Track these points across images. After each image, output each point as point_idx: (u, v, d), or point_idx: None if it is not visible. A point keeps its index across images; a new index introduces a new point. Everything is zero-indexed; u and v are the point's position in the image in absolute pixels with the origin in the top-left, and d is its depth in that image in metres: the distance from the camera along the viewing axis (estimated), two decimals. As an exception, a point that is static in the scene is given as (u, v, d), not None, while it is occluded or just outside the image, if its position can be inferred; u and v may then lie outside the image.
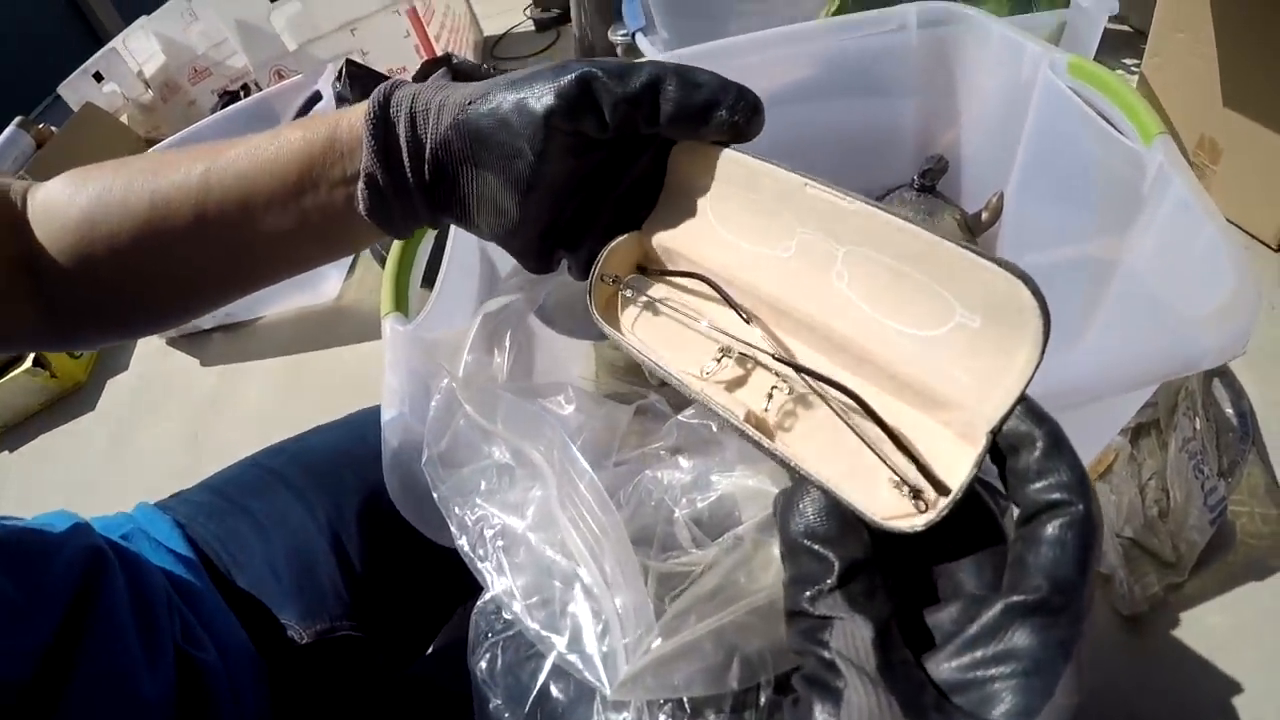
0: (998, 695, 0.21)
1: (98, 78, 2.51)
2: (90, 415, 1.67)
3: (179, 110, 2.49)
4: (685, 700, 0.29)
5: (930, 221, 0.90)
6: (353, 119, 0.37)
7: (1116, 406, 0.64)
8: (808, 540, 0.24)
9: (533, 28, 2.44)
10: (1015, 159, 0.84)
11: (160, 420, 1.59)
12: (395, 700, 0.53)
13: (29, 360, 1.63)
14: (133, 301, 0.43)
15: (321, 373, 1.52)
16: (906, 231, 0.26)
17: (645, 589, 0.31)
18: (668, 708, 0.30)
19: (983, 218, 0.89)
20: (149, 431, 1.57)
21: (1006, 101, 0.82)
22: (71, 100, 2.53)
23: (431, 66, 1.46)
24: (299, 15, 1.77)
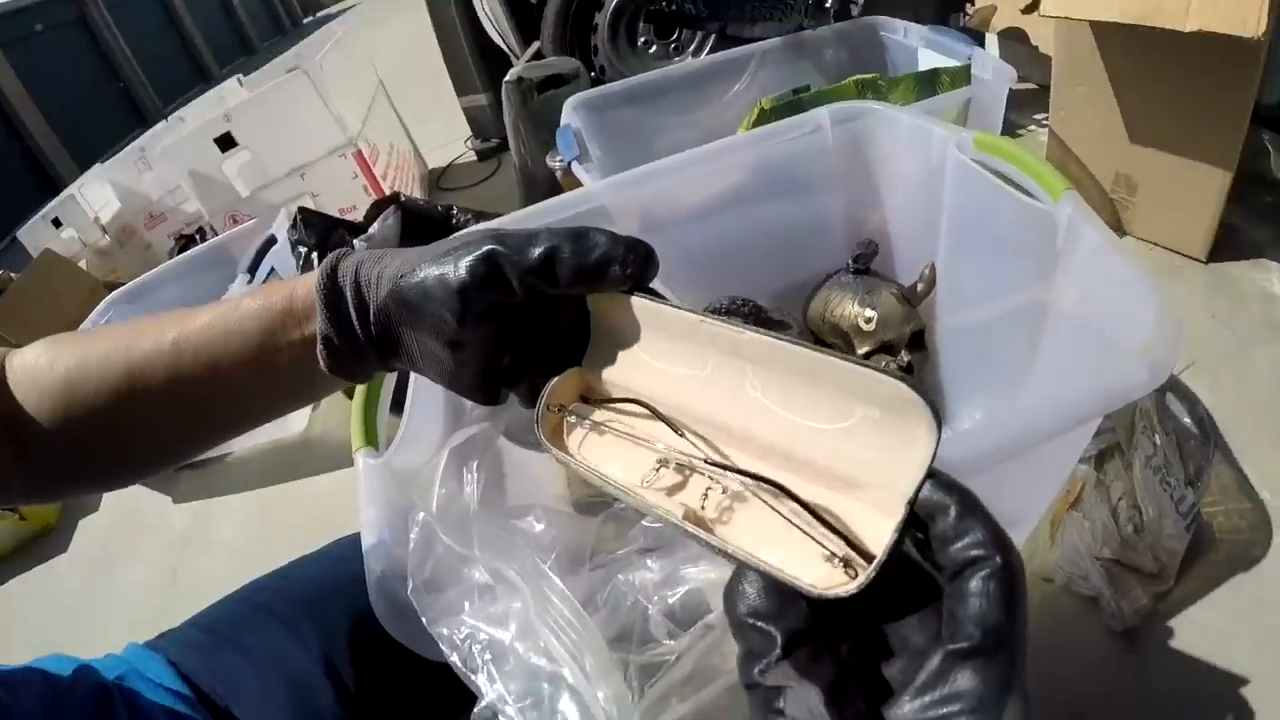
0: None
1: (56, 223, 2.53)
2: (63, 557, 1.63)
3: (136, 254, 2.51)
4: None
5: (870, 299, 0.95)
6: (305, 288, 0.41)
7: (1070, 441, 0.67)
8: (751, 618, 0.26)
9: (475, 158, 2.53)
10: (940, 231, 0.90)
11: (135, 560, 1.55)
12: None
13: (-3, 505, 1.60)
14: (111, 458, 0.46)
15: (293, 505, 1.51)
16: (795, 351, 0.30)
17: (624, 681, 0.33)
18: None
19: (919, 289, 0.94)
20: (124, 571, 1.54)
21: (923, 182, 0.89)
22: (30, 245, 2.54)
23: (381, 206, 1.52)
24: (250, 163, 1.83)
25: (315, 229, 1.42)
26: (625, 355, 0.38)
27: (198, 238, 2.35)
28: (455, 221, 1.54)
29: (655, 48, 1.99)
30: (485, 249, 0.36)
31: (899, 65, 1.61)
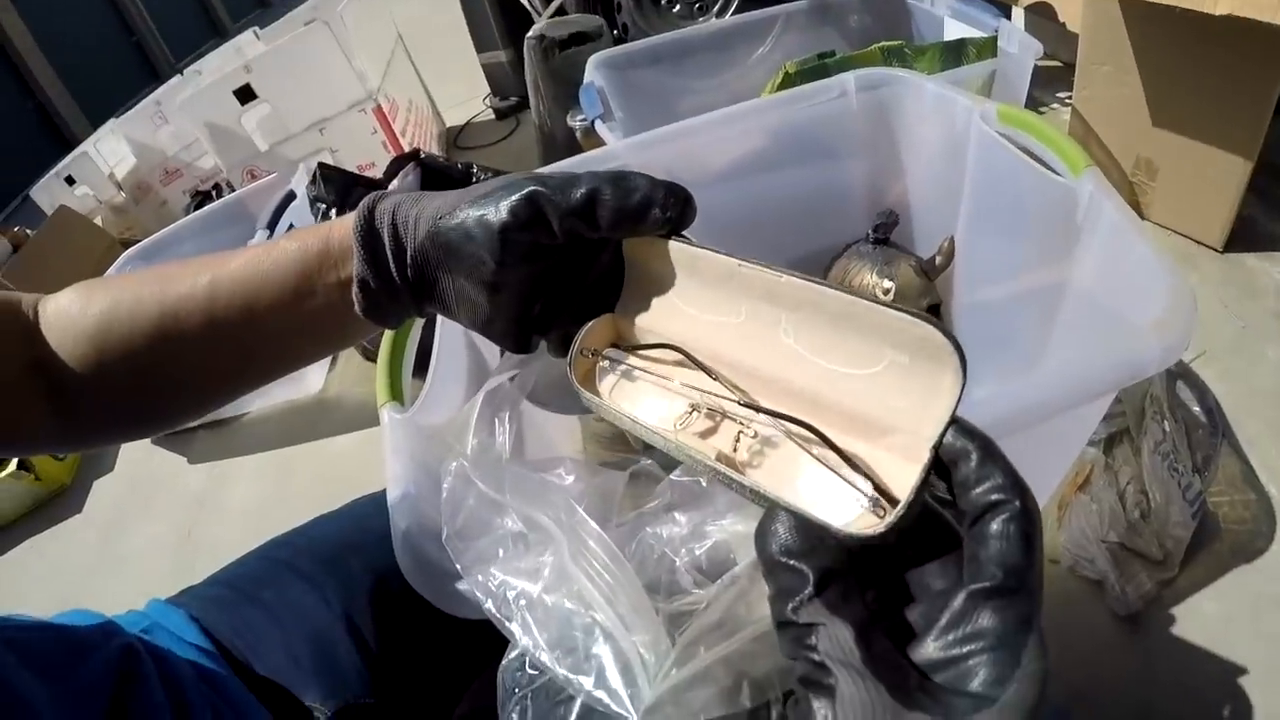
0: (973, 670, 0.24)
1: (69, 181, 2.54)
2: (78, 517, 1.65)
3: (151, 211, 2.52)
4: None
5: (888, 270, 0.95)
6: (342, 231, 0.41)
7: (1080, 417, 0.68)
8: (783, 557, 0.27)
9: (493, 117, 2.52)
10: (960, 204, 0.90)
11: (149, 520, 1.57)
12: None
13: (12, 464, 1.61)
14: (146, 403, 0.46)
15: (310, 465, 1.52)
16: (829, 295, 0.30)
17: (660, 625, 0.34)
18: None
19: (937, 262, 0.94)
20: (139, 531, 1.56)
21: (946, 153, 0.88)
22: (44, 203, 2.56)
23: (400, 162, 1.52)
24: (269, 117, 1.83)
25: (335, 185, 1.42)
26: (659, 302, 0.38)
27: (214, 194, 2.35)
28: (474, 179, 1.53)
29: (679, 7, 1.97)
30: (528, 190, 0.36)
31: (924, 34, 1.59)
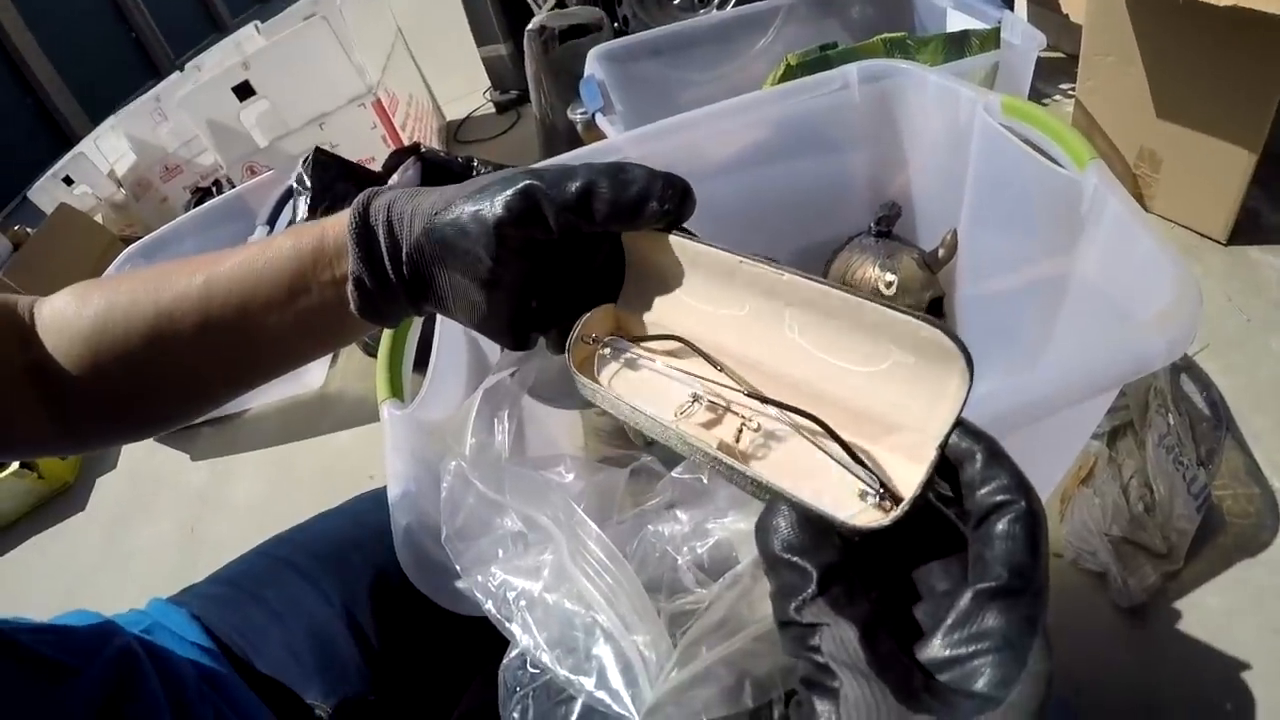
0: (978, 670, 0.24)
1: (67, 181, 2.54)
2: (81, 515, 1.66)
3: (152, 207, 2.52)
4: None
5: (891, 263, 0.95)
6: (337, 228, 0.41)
7: (1084, 411, 0.67)
8: (786, 553, 0.26)
9: (493, 110, 2.51)
10: (964, 196, 0.89)
11: (153, 517, 1.58)
12: None
13: (15, 463, 1.61)
14: (143, 404, 0.46)
15: (311, 461, 1.53)
16: (835, 294, 0.30)
17: (661, 625, 0.34)
18: None
19: (939, 254, 0.93)
20: (142, 529, 1.56)
21: (949, 145, 0.87)
22: (42, 203, 2.56)
23: (400, 156, 1.51)
24: (268, 113, 1.82)
25: (328, 170, 1.41)
26: (661, 294, 0.38)
27: (214, 190, 2.35)
28: (475, 173, 1.53)
29: (679, -1, 1.96)
30: (523, 184, 0.36)
31: (927, 25, 1.57)
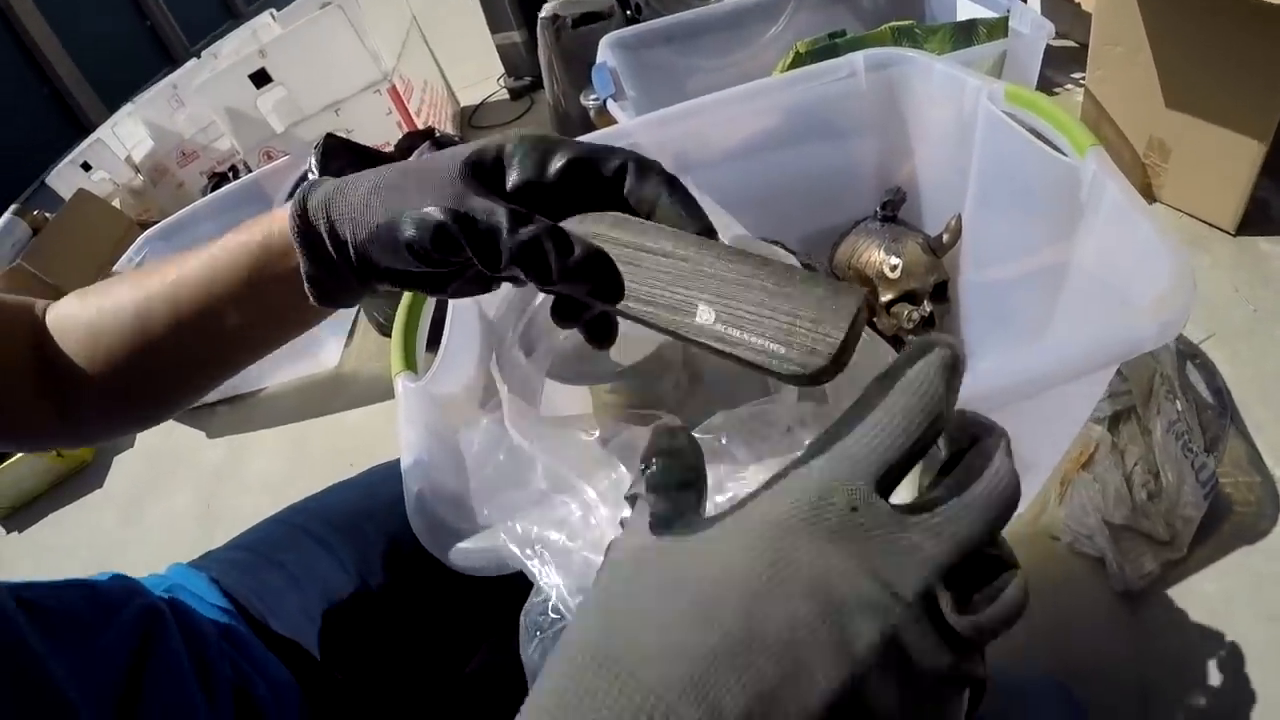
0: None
1: (85, 167, 2.57)
2: (99, 492, 1.69)
3: (169, 193, 2.55)
4: None
5: (896, 247, 0.96)
6: (280, 224, 0.41)
7: (1080, 391, 0.69)
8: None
9: (507, 96, 2.52)
10: (968, 183, 0.90)
11: (170, 494, 1.61)
12: (449, 700, 0.56)
13: (24, 449, 1.65)
14: (135, 397, 0.49)
15: (326, 438, 1.55)
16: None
17: None
18: None
19: (944, 240, 0.95)
20: (160, 506, 1.59)
21: (954, 132, 0.88)
22: (60, 189, 2.59)
23: (413, 137, 1.53)
24: (284, 100, 1.85)
25: (336, 157, 1.43)
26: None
27: (231, 175, 2.37)
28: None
29: (693, -15, 1.97)
30: (432, 224, 0.35)
31: (936, 13, 1.58)
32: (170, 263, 0.45)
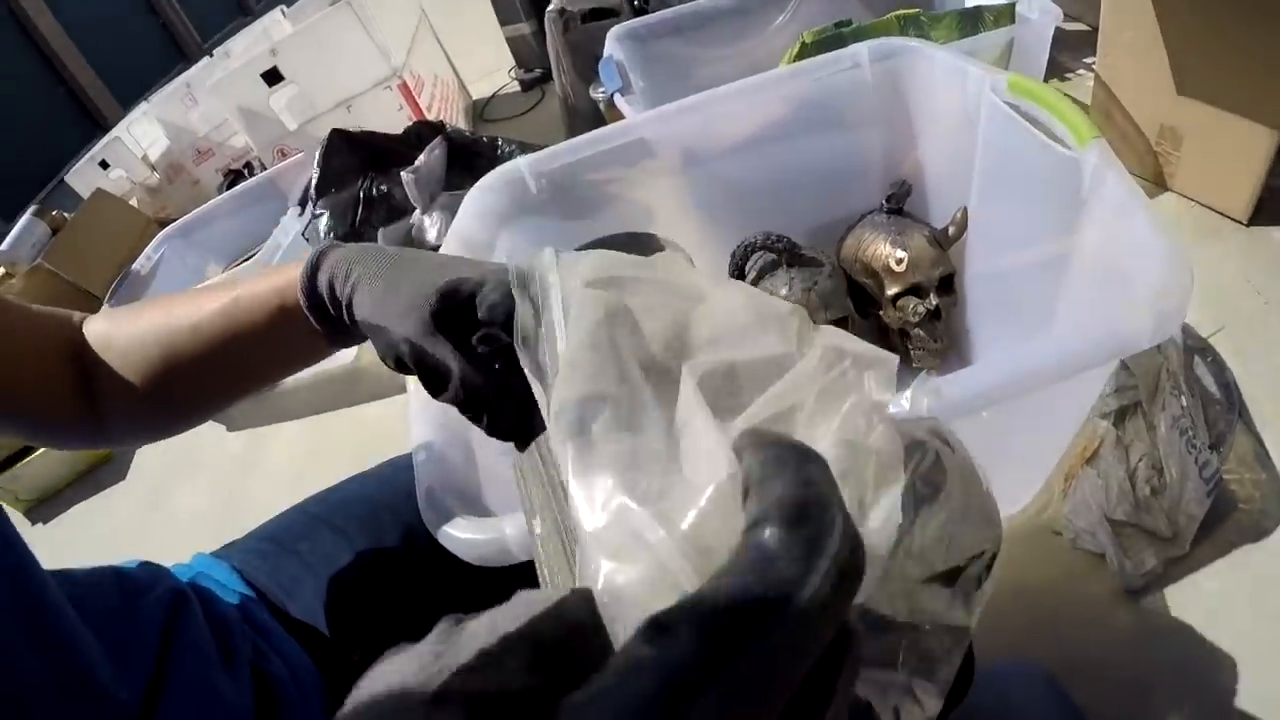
0: None
1: (103, 165, 2.61)
2: (121, 485, 1.72)
3: (185, 190, 2.59)
4: None
5: (902, 239, 0.97)
6: (292, 290, 0.45)
7: (1079, 386, 0.70)
8: None
9: (518, 89, 2.52)
10: (973, 175, 0.91)
11: (191, 485, 1.64)
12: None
13: (46, 446, 1.69)
14: (159, 413, 0.54)
15: (344, 430, 1.58)
16: None
17: None
18: None
19: (950, 232, 0.95)
20: (181, 498, 1.62)
21: (958, 123, 0.89)
22: (79, 187, 2.64)
23: (422, 127, 1.55)
24: (297, 97, 1.87)
25: (336, 154, 1.46)
26: None
27: (246, 172, 2.40)
28: (500, 153, 1.57)
29: (702, -24, 1.97)
30: (393, 356, 0.41)
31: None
32: (185, 306, 0.49)
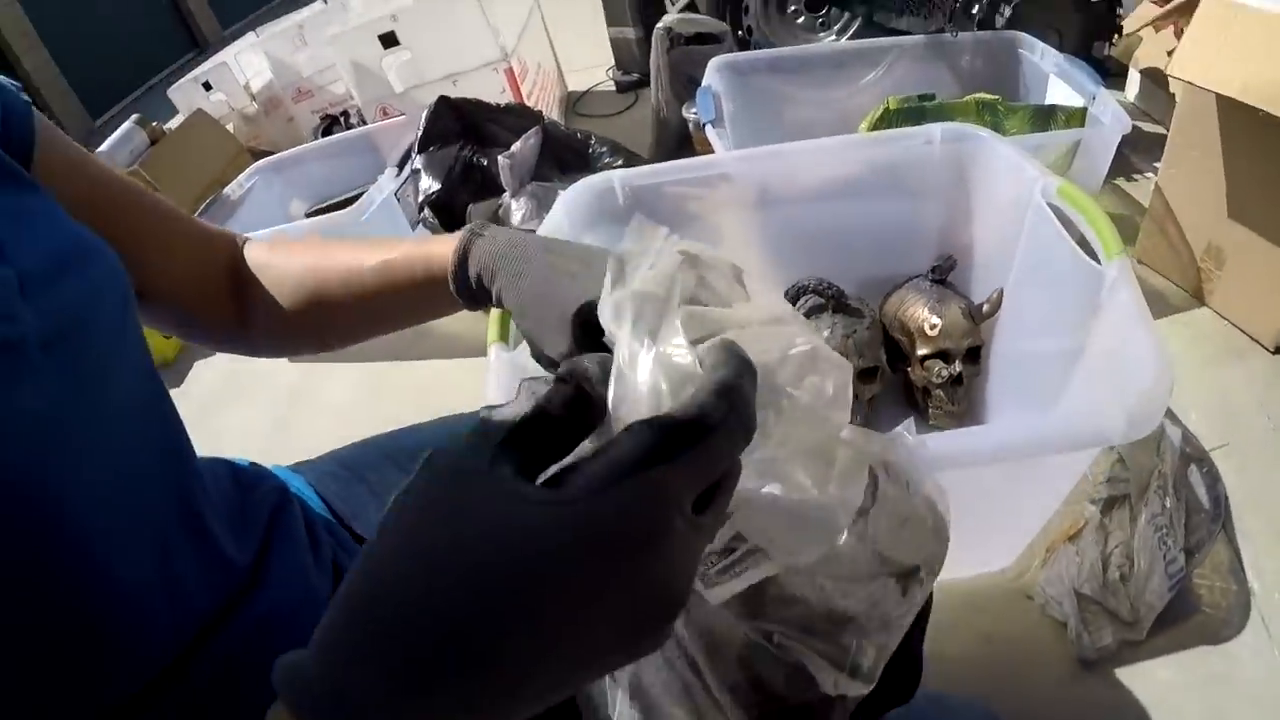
0: None
1: (207, 86, 2.71)
2: (176, 392, 1.71)
3: (279, 125, 2.70)
4: None
5: (940, 308, 1.06)
6: (442, 267, 0.52)
7: (1057, 467, 0.79)
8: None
9: (613, 89, 2.59)
10: (1014, 262, 1.00)
11: (245, 406, 1.71)
12: None
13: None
14: (298, 337, 0.63)
15: (402, 381, 1.62)
16: None
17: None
18: None
19: (984, 309, 1.04)
20: (234, 415, 1.69)
21: (1009, 213, 0.98)
22: (179, 103, 2.75)
23: (524, 109, 1.64)
24: (408, 63, 1.97)
25: (439, 120, 1.54)
26: None
27: (341, 119, 2.49)
28: (591, 151, 1.63)
29: (803, 19, 2.06)
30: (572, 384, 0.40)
31: (1030, 85, 1.65)
32: (349, 253, 0.58)
